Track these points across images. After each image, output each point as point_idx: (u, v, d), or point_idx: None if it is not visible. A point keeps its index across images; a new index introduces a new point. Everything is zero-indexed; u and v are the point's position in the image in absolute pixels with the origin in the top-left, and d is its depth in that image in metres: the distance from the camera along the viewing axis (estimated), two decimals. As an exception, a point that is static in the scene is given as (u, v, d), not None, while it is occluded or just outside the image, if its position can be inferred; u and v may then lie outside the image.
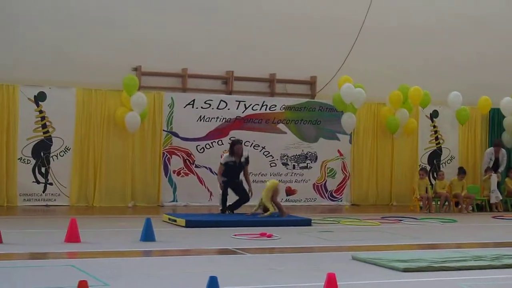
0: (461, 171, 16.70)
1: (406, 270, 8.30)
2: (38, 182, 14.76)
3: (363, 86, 16.30)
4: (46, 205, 14.68)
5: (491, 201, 16.65)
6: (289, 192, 14.31)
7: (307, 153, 16.82)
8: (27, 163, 14.68)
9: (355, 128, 16.90)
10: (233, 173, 13.43)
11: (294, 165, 16.71)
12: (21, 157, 14.62)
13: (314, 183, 16.89)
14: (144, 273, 7.86)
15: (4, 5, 14.77)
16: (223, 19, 16.29)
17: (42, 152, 14.80)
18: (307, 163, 16.83)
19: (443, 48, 18.09)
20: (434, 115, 18.02)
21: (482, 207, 16.76)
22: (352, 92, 16.13)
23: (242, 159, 13.48)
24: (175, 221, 12.27)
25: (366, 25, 17.09)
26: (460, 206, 16.31)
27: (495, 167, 17.27)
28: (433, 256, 9.15)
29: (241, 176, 13.57)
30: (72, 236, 9.83)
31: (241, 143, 13.78)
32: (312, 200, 16.83)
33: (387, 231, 12.35)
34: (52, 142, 14.83)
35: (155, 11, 15.82)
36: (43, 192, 14.79)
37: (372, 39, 17.30)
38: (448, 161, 18.13)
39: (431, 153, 18.06)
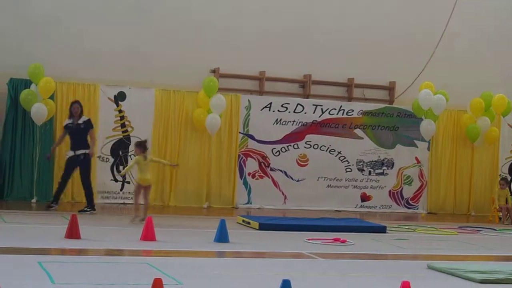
0: None
1: (483, 281, 8.09)
2: (116, 180, 15.04)
3: (446, 93, 15.99)
4: (123, 203, 14.93)
5: None
6: (364, 198, 14.17)
7: (383, 159, 16.61)
8: (106, 162, 14.97)
9: (434, 135, 16.61)
10: (74, 136, 12.99)
11: (370, 171, 16.52)
12: (100, 155, 14.91)
13: (390, 190, 16.66)
14: (217, 274, 7.90)
15: (87, 7, 15.10)
16: (301, 22, 16.25)
17: (120, 151, 15.06)
18: (384, 170, 16.62)
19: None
20: (516, 124, 17.55)
21: None
22: (430, 98, 15.84)
23: (81, 121, 13.01)
24: (249, 223, 12.31)
25: (448, 31, 16.79)
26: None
27: None
28: (511, 269, 8.89)
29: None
30: (148, 235, 9.97)
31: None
32: (388, 207, 16.60)
33: (465, 241, 12.08)
34: (130, 142, 15.05)
35: (233, 14, 15.90)
36: (121, 190, 15.06)
37: (454, 45, 16.98)
38: (531, 172, 17.63)
39: (512, 163, 17.60)
